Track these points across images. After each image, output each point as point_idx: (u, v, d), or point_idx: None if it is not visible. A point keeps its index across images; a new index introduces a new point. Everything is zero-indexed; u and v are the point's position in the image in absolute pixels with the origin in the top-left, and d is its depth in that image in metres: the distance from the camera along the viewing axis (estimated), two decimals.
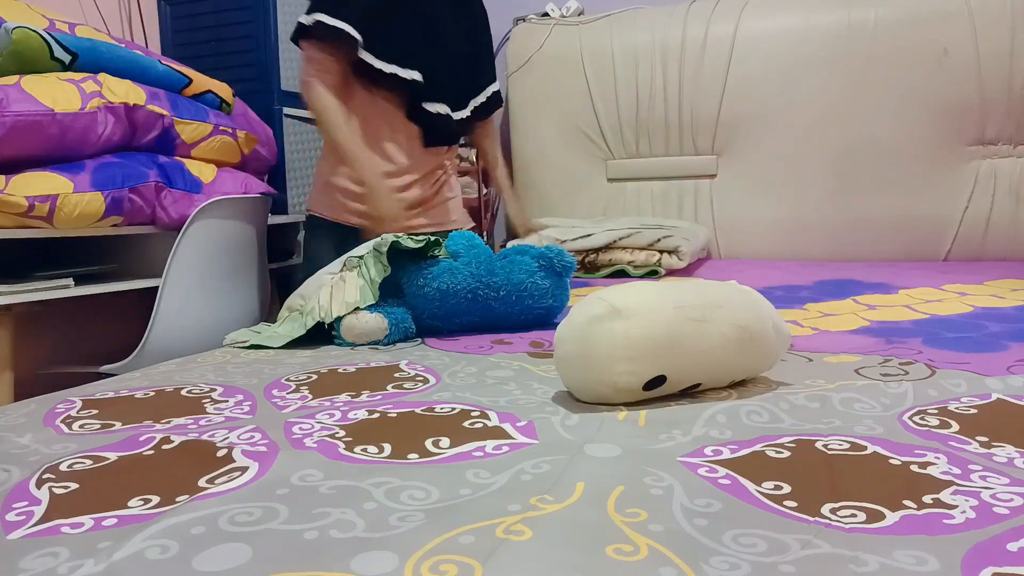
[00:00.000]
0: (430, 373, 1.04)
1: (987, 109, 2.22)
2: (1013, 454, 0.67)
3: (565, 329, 0.87)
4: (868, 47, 2.29)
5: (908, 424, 0.76)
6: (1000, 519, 0.54)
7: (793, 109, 2.37)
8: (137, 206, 1.66)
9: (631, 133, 2.54)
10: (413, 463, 0.68)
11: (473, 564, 0.48)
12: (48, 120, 1.49)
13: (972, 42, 2.20)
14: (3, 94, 1.44)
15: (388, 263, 1.28)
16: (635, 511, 0.56)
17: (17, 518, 0.58)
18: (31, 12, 1.72)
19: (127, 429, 0.81)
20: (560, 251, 1.38)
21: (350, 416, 0.83)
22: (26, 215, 1.47)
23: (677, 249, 2.01)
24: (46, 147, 1.52)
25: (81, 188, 1.54)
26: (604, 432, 0.75)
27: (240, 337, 1.32)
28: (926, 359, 1.03)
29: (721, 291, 0.90)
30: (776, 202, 2.40)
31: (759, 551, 0.50)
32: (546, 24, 2.63)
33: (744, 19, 2.41)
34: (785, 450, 0.69)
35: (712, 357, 0.86)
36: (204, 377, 1.06)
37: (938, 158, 2.28)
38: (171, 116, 1.74)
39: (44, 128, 1.49)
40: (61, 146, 1.54)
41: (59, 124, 1.51)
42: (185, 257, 1.69)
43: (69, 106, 1.53)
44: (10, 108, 1.43)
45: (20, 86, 1.48)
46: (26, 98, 1.47)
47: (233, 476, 0.65)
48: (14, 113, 1.44)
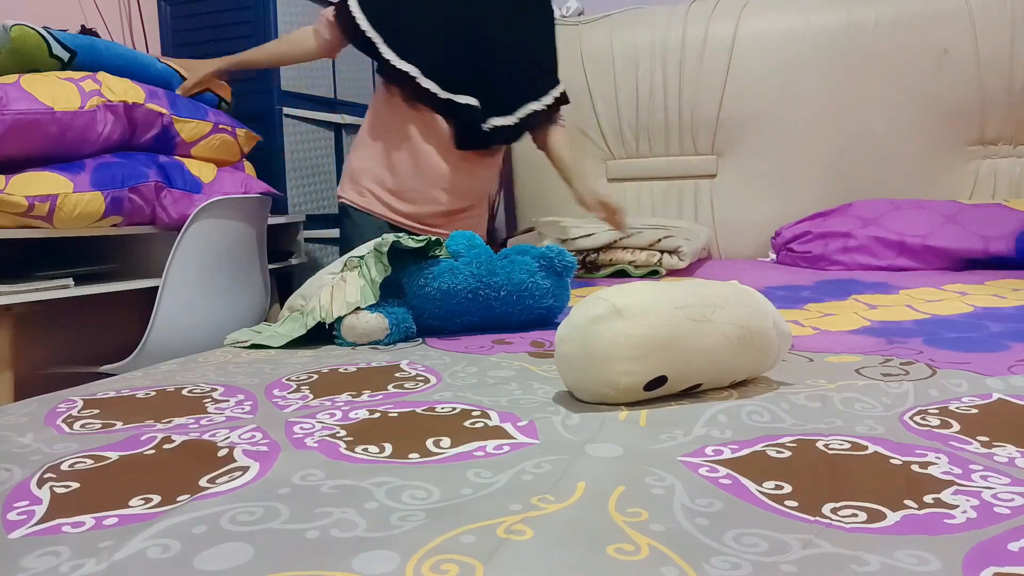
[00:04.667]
0: (431, 373, 1.04)
1: (987, 109, 2.22)
2: (1014, 454, 0.67)
3: (566, 329, 0.87)
4: (868, 47, 2.29)
5: (909, 424, 0.76)
6: (1001, 519, 0.54)
7: (793, 109, 2.37)
8: (137, 206, 1.65)
9: (631, 133, 2.54)
10: (414, 463, 0.68)
11: (474, 564, 0.48)
12: (48, 118, 1.49)
13: (972, 42, 2.20)
14: (3, 92, 1.44)
15: (389, 263, 1.28)
16: (636, 511, 0.56)
17: (18, 517, 0.58)
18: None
19: (128, 429, 0.81)
20: (561, 251, 1.38)
21: (351, 416, 0.83)
22: (26, 215, 1.47)
23: (678, 249, 2.01)
24: (46, 146, 1.52)
25: (81, 188, 1.54)
26: (605, 432, 0.75)
27: (241, 337, 1.32)
28: (927, 359, 1.03)
29: (722, 291, 0.90)
30: (776, 202, 2.40)
31: (760, 551, 0.50)
32: None
33: (744, 19, 2.41)
34: (786, 450, 0.69)
35: (713, 357, 0.86)
36: (205, 377, 1.06)
37: (938, 158, 2.28)
38: (170, 114, 1.74)
39: (44, 127, 1.49)
40: (61, 145, 1.54)
41: (59, 123, 1.51)
42: (185, 257, 1.69)
43: (69, 104, 1.53)
44: (9, 107, 1.43)
45: (20, 84, 1.48)
46: (26, 97, 1.47)
47: (234, 476, 0.65)
48: (14, 112, 1.44)
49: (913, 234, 1.99)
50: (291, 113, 2.34)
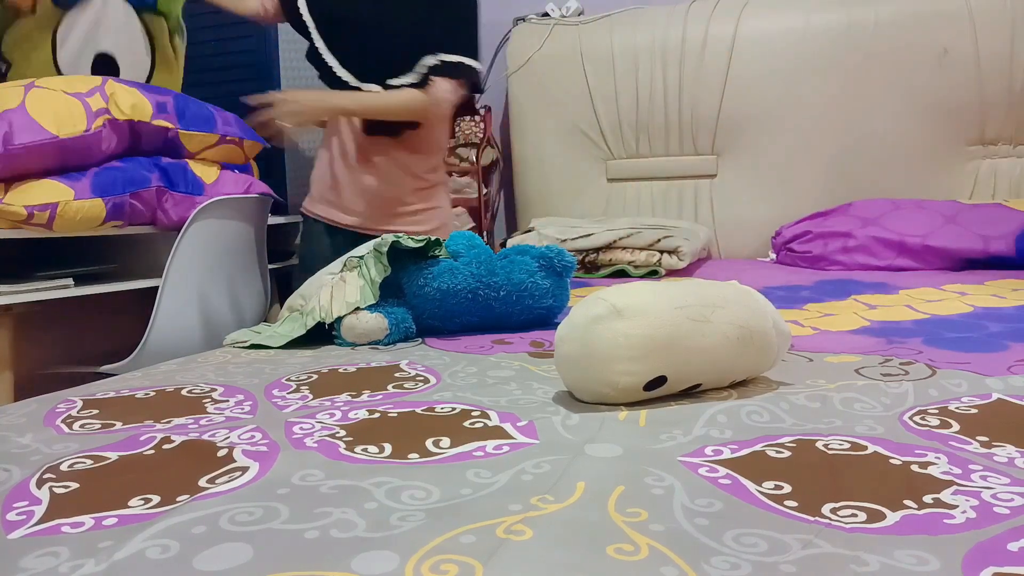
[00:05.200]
0: (431, 373, 1.04)
1: (987, 109, 2.22)
2: (1014, 454, 0.67)
3: (565, 329, 0.87)
4: (868, 47, 2.29)
5: (909, 424, 0.76)
6: (1001, 519, 0.54)
7: (793, 109, 2.37)
8: (138, 210, 1.65)
9: (631, 133, 2.54)
10: (414, 463, 0.68)
11: (474, 564, 0.48)
12: (53, 146, 1.48)
13: (972, 42, 2.20)
14: (7, 124, 1.42)
15: (388, 263, 1.28)
16: (636, 511, 0.56)
17: (18, 518, 0.58)
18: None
19: (128, 429, 0.81)
20: (560, 251, 1.38)
21: (351, 416, 0.83)
22: (26, 223, 1.46)
23: (677, 249, 2.01)
24: (48, 167, 1.51)
25: (81, 195, 1.52)
26: (605, 432, 0.75)
27: (240, 337, 1.32)
28: (926, 359, 1.03)
29: (722, 291, 0.90)
30: (776, 202, 2.40)
31: (760, 551, 0.50)
32: (546, 24, 2.63)
33: (744, 19, 2.41)
34: (786, 450, 0.69)
35: (713, 357, 0.86)
36: (205, 377, 1.06)
37: (938, 158, 2.29)
38: (176, 128, 1.72)
39: (48, 153, 1.48)
40: (64, 164, 1.53)
41: (64, 148, 1.50)
42: (185, 257, 1.69)
43: (74, 129, 1.51)
44: (14, 140, 1.42)
45: (24, 109, 1.46)
46: (30, 126, 1.45)
47: (234, 476, 0.65)
48: (19, 145, 1.43)
49: (913, 234, 1.99)
50: None
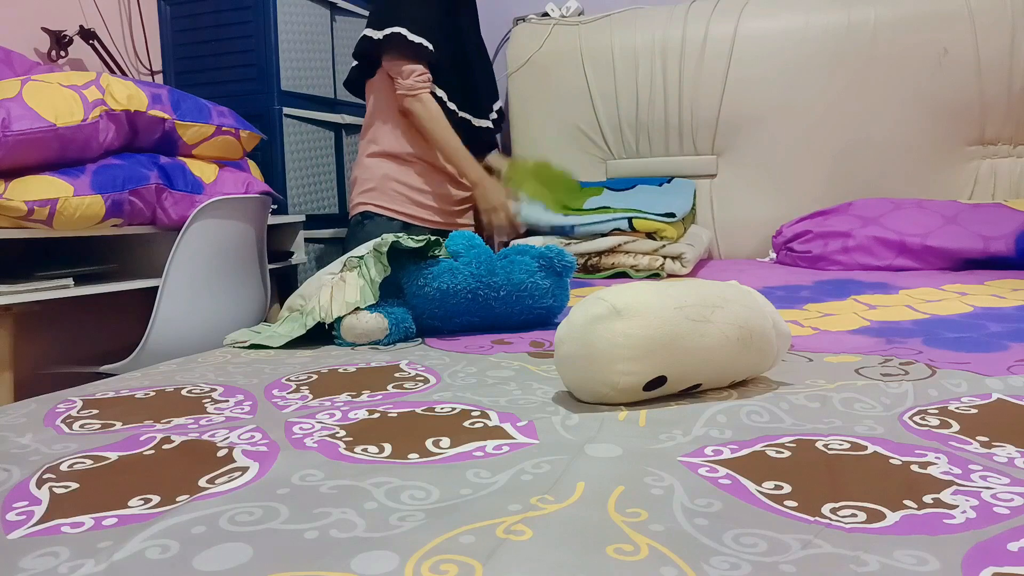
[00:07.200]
0: (430, 373, 1.04)
1: (987, 109, 2.22)
2: (1013, 454, 0.67)
3: (565, 329, 0.87)
4: (868, 47, 2.29)
5: (908, 424, 0.76)
6: (1001, 519, 0.54)
7: (793, 109, 2.37)
8: (137, 208, 1.65)
9: (631, 133, 2.54)
10: (413, 463, 0.68)
11: (473, 564, 0.48)
12: (50, 135, 1.48)
13: (972, 42, 2.20)
14: (5, 112, 1.43)
15: (388, 263, 1.28)
16: (635, 511, 0.56)
17: (17, 518, 0.58)
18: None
19: (127, 429, 0.81)
20: (560, 251, 1.38)
21: (350, 416, 0.83)
22: (26, 219, 1.46)
23: (681, 255, 2.00)
24: (47, 158, 1.52)
25: (81, 191, 1.53)
26: (604, 432, 0.75)
27: (240, 337, 1.32)
28: (926, 359, 1.03)
29: (721, 291, 0.90)
30: (776, 202, 2.40)
31: (759, 551, 0.50)
32: (546, 24, 2.63)
33: (744, 19, 2.41)
34: (785, 450, 0.69)
35: (712, 357, 0.86)
36: (204, 377, 1.06)
37: (938, 158, 2.28)
38: (172, 119, 1.73)
39: (46, 143, 1.49)
40: (63, 156, 1.54)
41: (61, 137, 1.51)
42: (185, 257, 1.69)
43: (71, 118, 1.52)
44: (11, 128, 1.43)
45: (22, 99, 1.47)
46: (28, 114, 1.46)
47: (233, 476, 0.65)
48: (16, 132, 1.43)
49: (913, 234, 1.99)
50: (291, 113, 2.34)
